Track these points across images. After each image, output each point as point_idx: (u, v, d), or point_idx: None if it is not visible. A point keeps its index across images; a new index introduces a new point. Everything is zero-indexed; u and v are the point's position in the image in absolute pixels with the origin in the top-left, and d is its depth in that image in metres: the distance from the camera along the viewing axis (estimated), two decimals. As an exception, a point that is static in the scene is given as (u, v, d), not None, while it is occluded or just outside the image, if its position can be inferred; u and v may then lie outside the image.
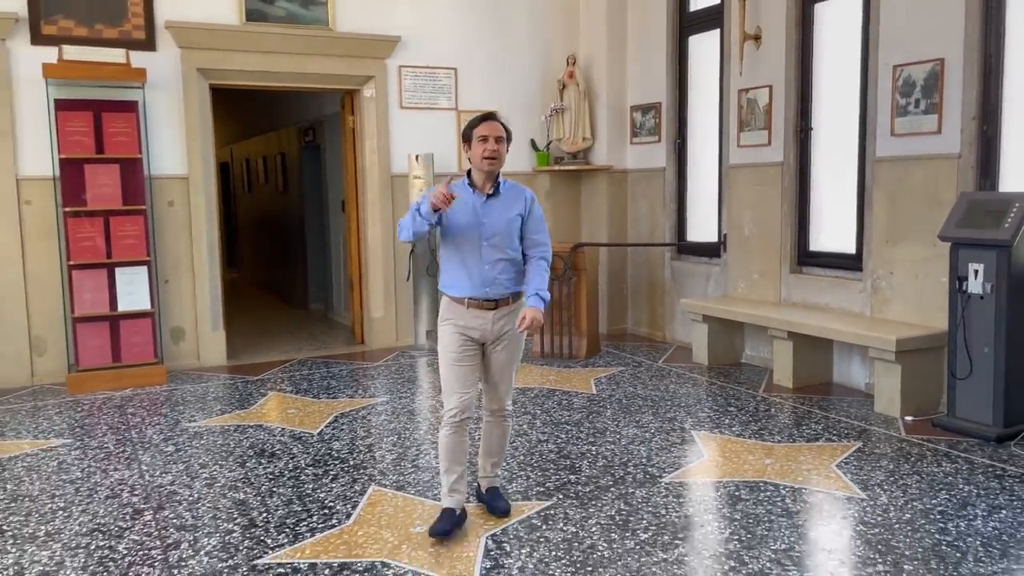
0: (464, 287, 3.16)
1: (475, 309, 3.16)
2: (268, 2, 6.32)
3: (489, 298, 3.16)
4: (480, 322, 3.17)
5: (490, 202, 3.18)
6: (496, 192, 3.19)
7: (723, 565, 2.92)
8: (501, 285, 3.17)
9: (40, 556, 3.10)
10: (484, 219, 3.15)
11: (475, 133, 3.14)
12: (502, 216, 3.17)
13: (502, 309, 3.19)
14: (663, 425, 4.64)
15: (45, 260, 5.79)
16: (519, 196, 3.24)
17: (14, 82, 5.68)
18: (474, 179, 3.22)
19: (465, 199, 3.15)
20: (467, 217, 3.14)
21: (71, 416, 5.06)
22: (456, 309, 3.19)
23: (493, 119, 3.19)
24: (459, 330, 3.18)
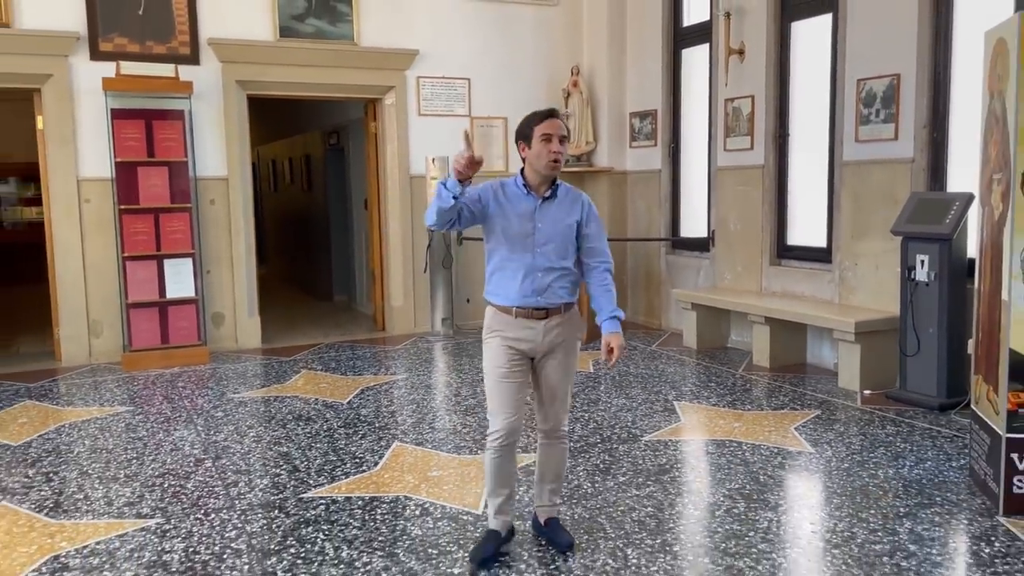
0: (513, 295, 2.86)
1: (524, 319, 2.85)
2: (299, 20, 6.99)
3: (540, 307, 2.85)
4: (530, 333, 2.86)
5: (546, 206, 2.88)
6: (553, 195, 2.90)
7: (684, 499, 3.56)
8: (554, 293, 2.86)
9: (123, 492, 3.78)
10: (539, 223, 2.85)
11: (537, 131, 2.82)
12: (558, 222, 2.88)
13: (554, 319, 2.88)
14: (649, 397, 5.27)
15: (102, 252, 6.49)
16: (576, 201, 2.94)
17: (75, 94, 6.38)
18: (529, 180, 2.90)
19: (519, 201, 2.88)
20: (520, 221, 2.85)
21: (129, 389, 5.76)
22: (503, 319, 2.89)
23: (556, 116, 2.87)
24: (507, 343, 2.87)
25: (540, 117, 2.86)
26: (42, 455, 4.32)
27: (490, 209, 2.87)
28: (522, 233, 2.85)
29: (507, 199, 2.89)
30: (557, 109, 3.04)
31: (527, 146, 2.88)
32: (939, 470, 3.85)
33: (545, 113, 2.89)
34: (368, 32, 7.22)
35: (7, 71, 6.19)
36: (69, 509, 3.58)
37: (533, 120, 2.87)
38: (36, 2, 6.20)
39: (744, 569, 2.89)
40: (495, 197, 2.88)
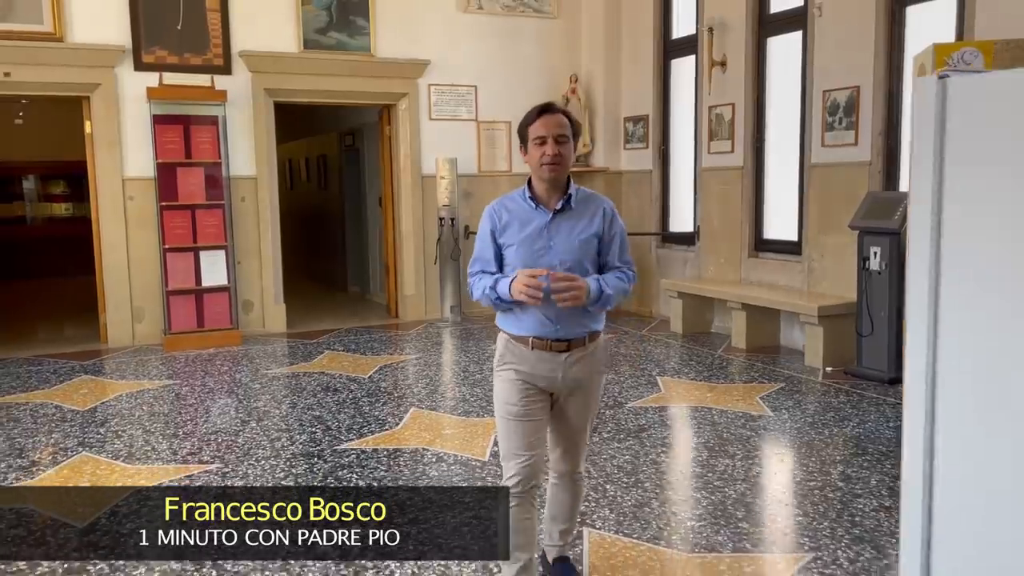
0: (528, 323, 2.48)
1: (542, 351, 2.48)
2: (322, 33, 7.67)
3: (560, 338, 2.47)
4: (548, 367, 2.49)
5: (559, 220, 2.48)
6: (566, 206, 2.49)
7: (656, 449, 4.24)
8: (576, 322, 2.47)
9: (184, 444, 4.48)
10: (552, 242, 2.46)
11: (530, 132, 2.46)
12: (575, 236, 2.48)
13: (576, 352, 2.50)
14: (635, 373, 5.94)
15: (144, 245, 7.18)
16: (596, 209, 2.54)
17: (120, 101, 7.07)
18: (536, 190, 2.52)
19: (526, 217, 2.50)
20: (531, 241, 2.47)
21: (172, 366, 6.45)
22: (517, 351, 2.52)
23: (552, 111, 2.47)
24: (521, 377, 2.51)
25: (534, 114, 2.47)
26: (108, 417, 5.02)
27: (502, 243, 2.55)
28: (534, 254, 2.46)
29: (513, 218, 2.51)
30: (555, 103, 2.55)
31: (525, 150, 2.51)
32: (877, 430, 4.52)
33: (539, 109, 2.48)
34: (384, 44, 7.89)
35: (61, 81, 6.88)
36: (141, 457, 4.27)
37: (528, 119, 2.50)
38: (86, 18, 6.89)
39: (700, 499, 3.57)
40: (503, 229, 2.53)
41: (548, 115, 2.47)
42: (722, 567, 2.97)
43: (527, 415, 2.52)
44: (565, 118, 2.48)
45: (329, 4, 7.63)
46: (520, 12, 8.49)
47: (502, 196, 2.61)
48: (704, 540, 3.18)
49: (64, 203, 13.54)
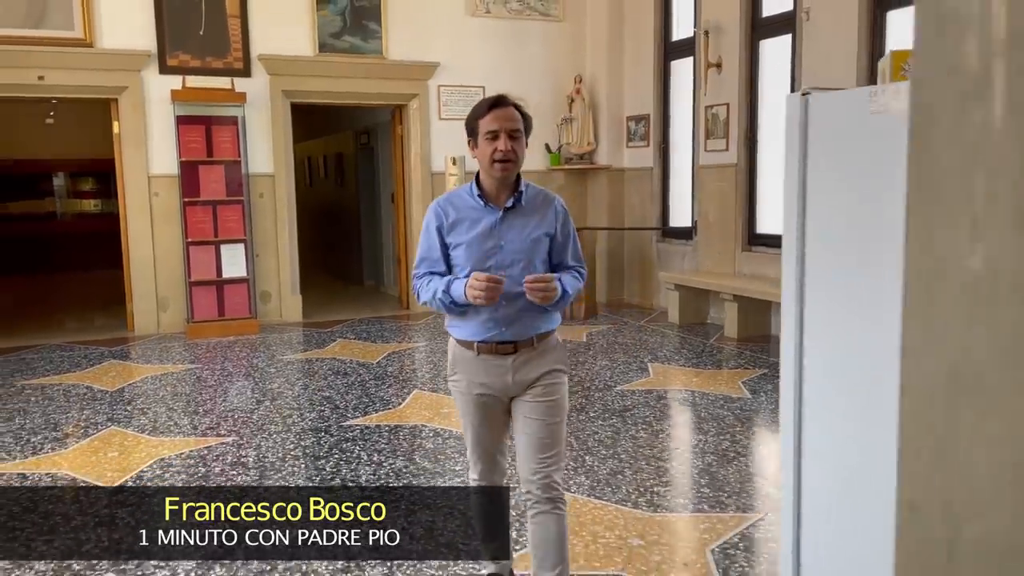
0: (473, 327, 2.37)
1: (488, 355, 2.37)
2: (336, 37, 8.05)
3: (506, 340, 2.36)
4: (496, 372, 2.38)
5: (509, 218, 2.38)
6: (517, 204, 2.39)
7: (636, 427, 4.57)
8: (524, 324, 2.37)
9: (204, 420, 4.88)
10: (503, 241, 2.36)
11: (481, 126, 2.31)
12: (527, 235, 2.38)
13: (524, 353, 2.39)
14: (628, 359, 6.27)
15: (168, 239, 7.60)
16: (547, 207, 2.44)
17: (146, 103, 7.50)
18: (484, 187, 2.39)
19: (475, 216, 2.38)
20: (479, 241, 2.35)
21: (195, 352, 6.87)
22: (465, 357, 2.41)
23: (504, 103, 2.33)
24: (472, 388, 2.41)
25: (486, 107, 2.33)
26: (134, 397, 5.44)
27: (449, 242, 2.41)
28: (482, 254, 2.35)
29: (461, 216, 2.39)
30: (507, 96, 2.37)
31: (475, 145, 2.37)
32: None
33: (491, 102, 2.34)
34: (395, 47, 8.26)
35: (91, 84, 7.32)
36: (164, 431, 4.68)
37: (478, 111, 2.35)
38: (115, 24, 7.32)
39: (669, 468, 3.90)
40: (450, 228, 2.40)
41: (500, 108, 2.31)
42: (679, 525, 3.30)
43: (483, 425, 2.45)
44: (518, 112, 2.34)
45: (343, 9, 8.02)
46: (526, 15, 8.83)
47: (447, 193, 2.52)
48: (667, 502, 3.52)
49: (93, 199, 14.08)
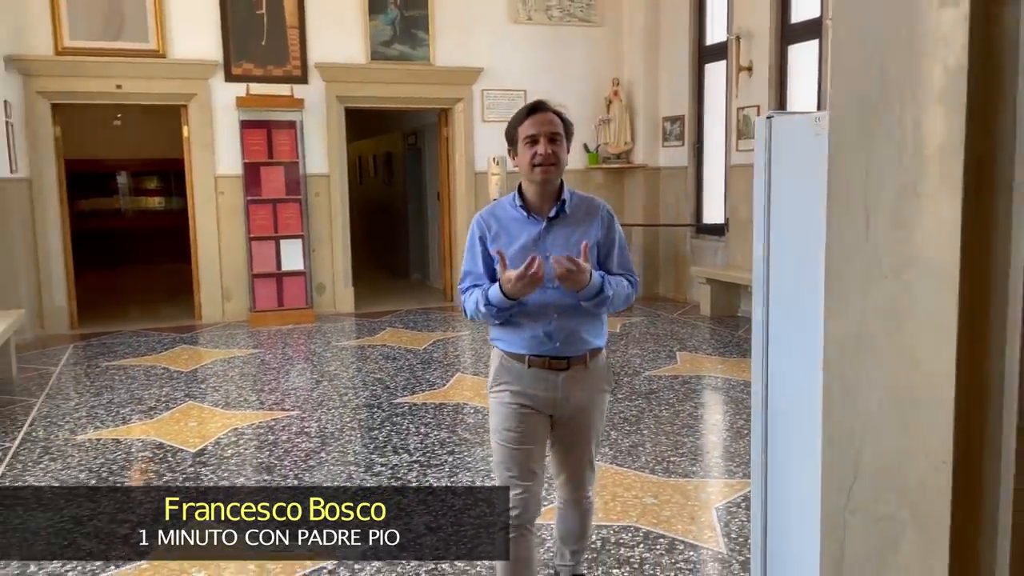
0: (525, 340, 2.33)
1: (539, 370, 2.33)
2: (386, 45, 8.58)
3: (560, 355, 2.33)
4: (546, 387, 2.34)
5: (553, 229, 2.34)
6: (560, 213, 2.34)
7: (662, 406, 4.99)
8: (578, 339, 2.35)
9: (270, 397, 5.43)
10: (547, 253, 2.28)
11: (520, 133, 2.30)
12: (572, 245, 2.31)
13: (577, 370, 2.36)
14: (658, 348, 6.69)
15: (232, 234, 8.22)
16: (593, 214, 2.39)
17: (213, 108, 8.11)
18: (527, 197, 2.35)
19: (518, 227, 2.35)
20: (523, 253, 2.28)
21: (257, 338, 7.46)
22: (513, 370, 2.36)
23: (543, 109, 2.31)
24: (517, 399, 2.34)
25: (524, 113, 2.32)
26: (206, 376, 6.03)
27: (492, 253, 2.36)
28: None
29: (503, 228, 2.36)
30: (546, 101, 2.36)
31: (515, 152, 2.35)
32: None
33: (529, 108, 2.33)
34: (442, 54, 8.76)
35: (164, 91, 7.97)
36: (235, 405, 5.24)
37: (517, 118, 2.33)
38: (185, 37, 7.94)
39: (686, 442, 4.33)
40: (493, 240, 2.36)
41: (539, 113, 2.30)
42: (689, 487, 3.73)
43: (524, 440, 2.34)
44: (557, 117, 2.32)
45: (393, 19, 8.54)
46: (566, 22, 9.26)
47: (491, 204, 2.48)
48: (681, 470, 3.94)
49: (157, 197, 14.89)
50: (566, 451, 2.46)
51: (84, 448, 4.43)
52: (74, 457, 4.29)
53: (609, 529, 3.29)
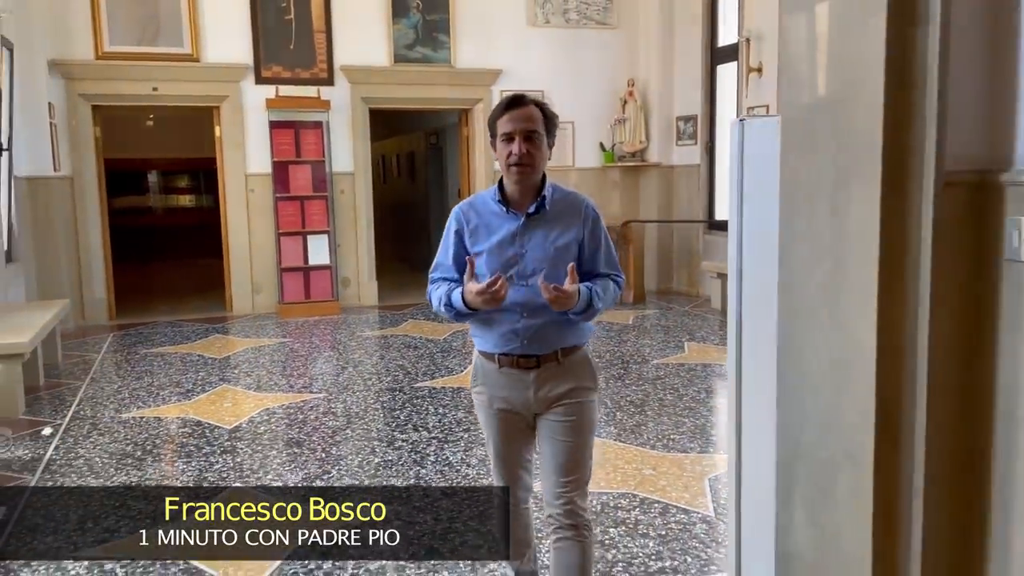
0: (494, 338, 2.26)
1: (510, 369, 2.27)
2: (409, 48, 8.92)
3: (528, 353, 2.25)
4: (518, 387, 2.28)
5: (532, 225, 2.26)
6: (541, 209, 2.26)
7: (666, 391, 5.29)
8: (547, 337, 2.26)
9: (298, 382, 5.79)
10: (524, 249, 2.25)
11: (498, 128, 2.19)
12: (550, 243, 2.25)
13: (548, 367, 2.27)
14: (667, 339, 6.97)
15: (262, 230, 8.60)
16: (574, 211, 2.30)
17: (244, 109, 8.50)
18: (507, 191, 2.27)
19: (496, 222, 2.27)
20: (500, 248, 2.25)
21: (286, 329, 7.84)
22: (487, 370, 2.31)
23: (521, 104, 2.19)
24: (497, 403, 2.32)
25: (502, 108, 2.21)
26: (239, 363, 6.40)
27: (470, 249, 2.30)
28: (503, 262, 2.24)
29: (481, 222, 2.29)
30: (527, 95, 2.25)
31: (495, 146, 2.26)
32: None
33: (507, 102, 2.21)
34: (462, 56, 9.09)
35: (197, 94, 8.37)
36: (266, 388, 5.60)
37: (495, 112, 2.23)
38: (217, 41, 8.33)
39: (686, 422, 4.62)
40: (471, 233, 2.30)
41: (516, 109, 2.17)
42: (686, 461, 4.03)
43: (505, 442, 2.35)
44: (538, 110, 2.20)
45: (415, 23, 8.88)
46: (583, 24, 9.55)
47: (472, 196, 2.41)
48: (679, 446, 4.24)
49: (187, 195, 15.37)
50: (550, 456, 2.31)
51: (128, 425, 4.81)
52: (120, 432, 4.67)
53: (608, 495, 3.59)
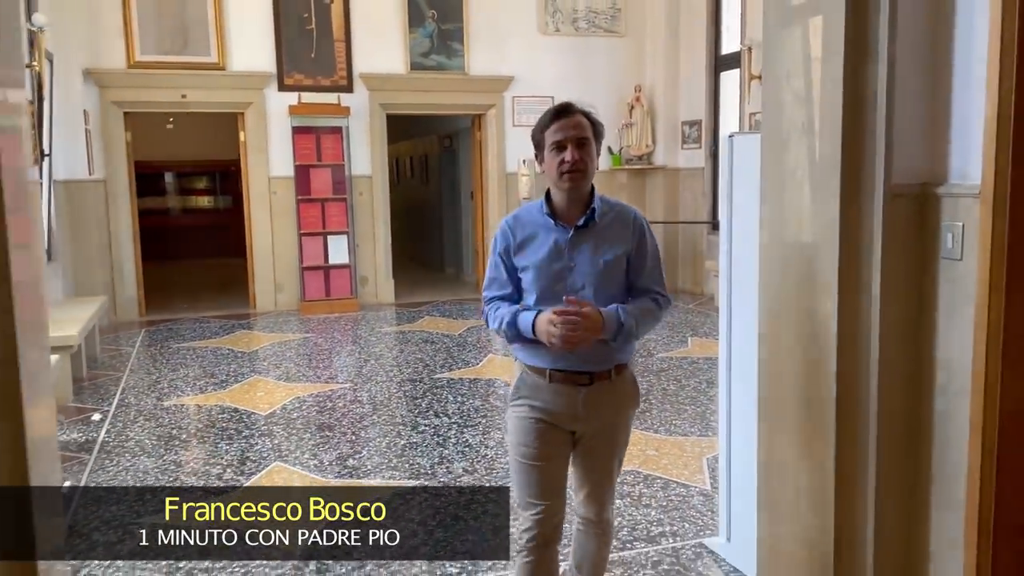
0: (547, 353, 2.20)
1: (561, 385, 2.23)
2: (424, 56, 9.30)
3: (582, 370, 2.22)
4: (568, 403, 2.24)
5: (581, 237, 2.23)
6: (590, 221, 2.23)
7: (669, 381, 5.65)
8: (600, 353, 2.21)
9: (324, 373, 6.18)
10: (573, 263, 2.22)
11: (547, 138, 2.19)
12: (599, 257, 2.22)
13: (600, 384, 2.24)
14: (671, 334, 7.33)
15: (284, 230, 8.99)
16: (623, 223, 2.28)
17: (267, 115, 8.89)
18: (555, 203, 2.26)
19: (544, 235, 2.25)
20: (548, 262, 2.22)
21: (308, 325, 8.23)
22: (534, 383, 2.27)
23: (570, 112, 2.19)
24: (537, 414, 2.26)
25: (550, 117, 2.20)
26: (267, 356, 6.79)
27: (517, 264, 2.28)
28: (551, 277, 2.22)
29: (528, 236, 2.26)
30: (573, 103, 2.24)
31: (541, 157, 2.24)
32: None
33: (555, 111, 2.21)
34: (475, 64, 9.46)
35: (223, 100, 8.77)
36: (295, 379, 5.99)
37: (543, 122, 2.22)
38: (242, 50, 8.73)
39: (688, 409, 4.98)
40: (517, 248, 2.28)
41: (566, 117, 2.18)
42: (686, 443, 4.39)
43: (543, 457, 2.25)
44: (585, 119, 2.20)
45: (431, 32, 9.26)
46: (592, 33, 9.91)
47: (517, 209, 2.38)
48: (680, 430, 4.60)
49: (205, 197, 15.79)
50: (587, 469, 2.34)
51: (171, 411, 5.20)
52: (164, 418, 5.06)
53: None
